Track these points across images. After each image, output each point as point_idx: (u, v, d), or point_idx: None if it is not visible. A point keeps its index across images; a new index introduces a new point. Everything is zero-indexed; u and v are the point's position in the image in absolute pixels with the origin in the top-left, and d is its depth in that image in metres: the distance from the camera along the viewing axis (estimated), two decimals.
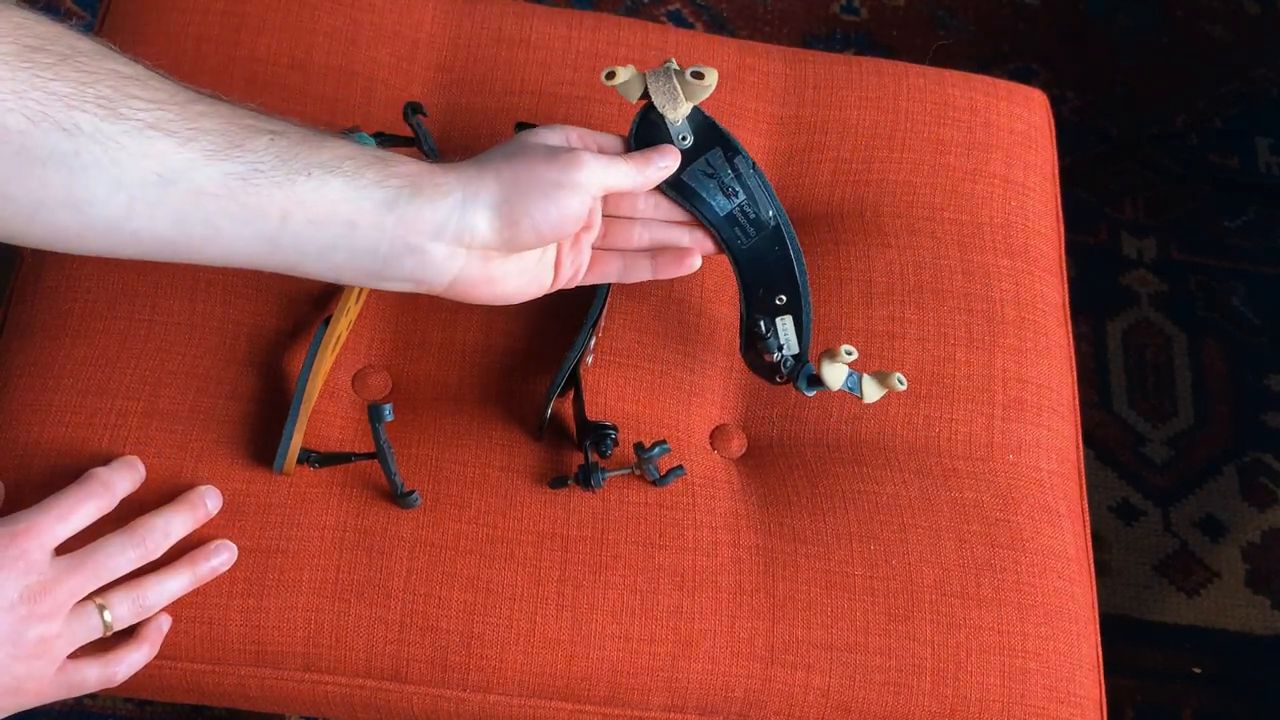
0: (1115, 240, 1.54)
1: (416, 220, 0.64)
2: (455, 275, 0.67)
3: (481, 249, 0.66)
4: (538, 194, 0.66)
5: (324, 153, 0.64)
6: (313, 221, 0.63)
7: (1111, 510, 1.37)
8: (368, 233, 0.64)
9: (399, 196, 0.64)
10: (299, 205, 0.62)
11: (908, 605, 0.76)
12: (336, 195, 0.63)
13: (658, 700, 0.75)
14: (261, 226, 0.62)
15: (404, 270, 0.66)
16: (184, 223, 0.61)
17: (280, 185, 0.62)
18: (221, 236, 0.63)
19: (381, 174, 0.64)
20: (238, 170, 0.61)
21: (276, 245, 0.63)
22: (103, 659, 0.70)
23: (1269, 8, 1.72)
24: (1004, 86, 0.97)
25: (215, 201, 0.61)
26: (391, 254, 0.65)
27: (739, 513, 0.79)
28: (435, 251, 0.65)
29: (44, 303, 0.80)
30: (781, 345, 0.76)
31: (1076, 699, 0.78)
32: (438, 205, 0.64)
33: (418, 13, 0.92)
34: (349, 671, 0.74)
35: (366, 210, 0.63)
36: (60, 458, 0.75)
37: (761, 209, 0.75)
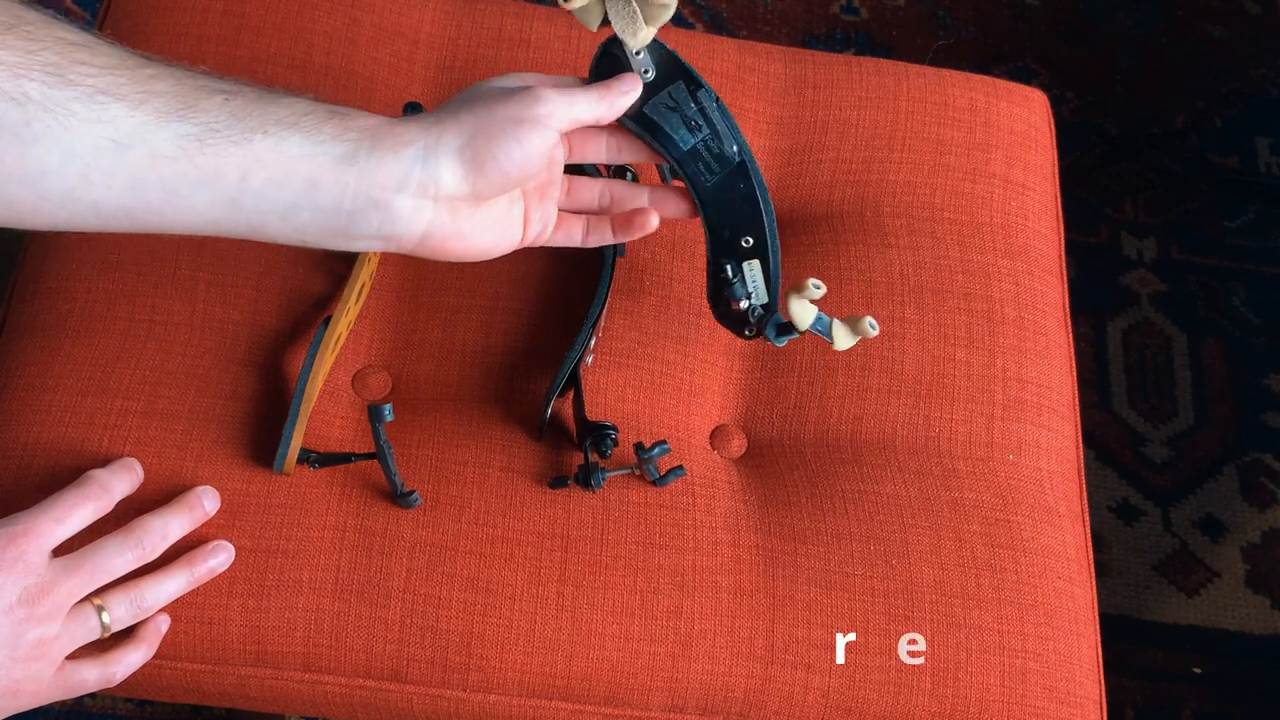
0: (1115, 240, 1.54)
1: (379, 173, 0.63)
2: (425, 229, 0.65)
3: (449, 199, 0.65)
4: (500, 134, 0.64)
5: (280, 109, 0.62)
6: (273, 180, 0.62)
7: (1111, 510, 1.37)
8: (330, 189, 0.62)
9: (358, 150, 0.63)
10: (258, 164, 0.61)
11: (908, 605, 0.76)
12: (295, 151, 0.62)
13: (658, 700, 0.75)
14: (220, 188, 0.61)
15: (370, 227, 0.64)
16: (141, 189, 0.60)
17: (237, 144, 0.61)
18: (180, 201, 0.61)
19: (340, 128, 0.63)
20: (192, 131, 0.60)
21: (237, 206, 0.62)
22: (101, 659, 0.70)
23: (1269, 8, 1.72)
24: (1004, 86, 0.97)
25: (171, 165, 0.60)
26: (356, 210, 0.63)
27: (739, 513, 0.79)
28: (401, 205, 0.64)
29: (44, 303, 0.80)
30: (750, 293, 0.74)
31: (1076, 699, 0.78)
32: (400, 155, 0.63)
33: (418, 13, 0.92)
34: (349, 671, 0.74)
35: (327, 166, 0.62)
36: (60, 458, 0.75)
37: (725, 144, 0.73)
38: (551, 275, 0.84)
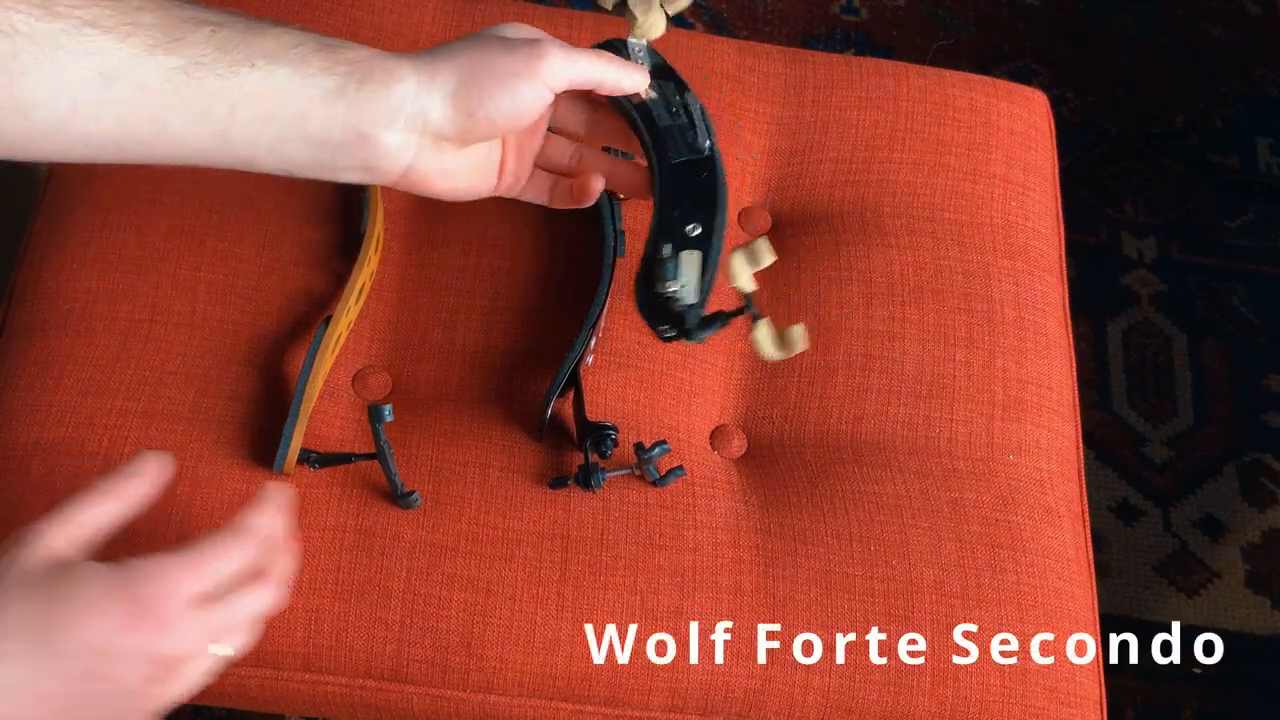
0: (1115, 240, 1.54)
1: (368, 106, 0.63)
2: (409, 164, 0.65)
3: (435, 138, 0.65)
4: (494, 83, 0.64)
5: (267, 41, 0.62)
6: (260, 114, 0.62)
7: (1111, 510, 1.37)
8: (318, 122, 0.62)
9: (347, 83, 0.62)
10: (245, 98, 0.61)
11: (908, 606, 0.76)
12: (283, 85, 0.61)
13: (658, 700, 0.75)
14: (209, 121, 0.61)
15: (356, 159, 0.64)
16: (130, 121, 0.60)
17: (224, 78, 0.61)
18: (170, 133, 0.61)
19: (329, 60, 0.63)
20: (179, 64, 0.60)
21: (227, 139, 0.62)
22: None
23: (1269, 8, 1.72)
24: (1004, 87, 0.97)
25: (160, 97, 0.60)
26: (344, 142, 0.63)
27: (739, 513, 0.79)
28: (389, 139, 0.64)
29: (44, 303, 0.80)
30: (681, 284, 0.71)
31: (1076, 699, 0.78)
32: (391, 91, 0.63)
33: (417, 13, 0.92)
34: (349, 672, 0.74)
35: (315, 99, 0.62)
36: (60, 458, 0.75)
37: (700, 137, 0.73)
38: (551, 275, 0.84)
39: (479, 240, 0.84)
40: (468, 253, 0.84)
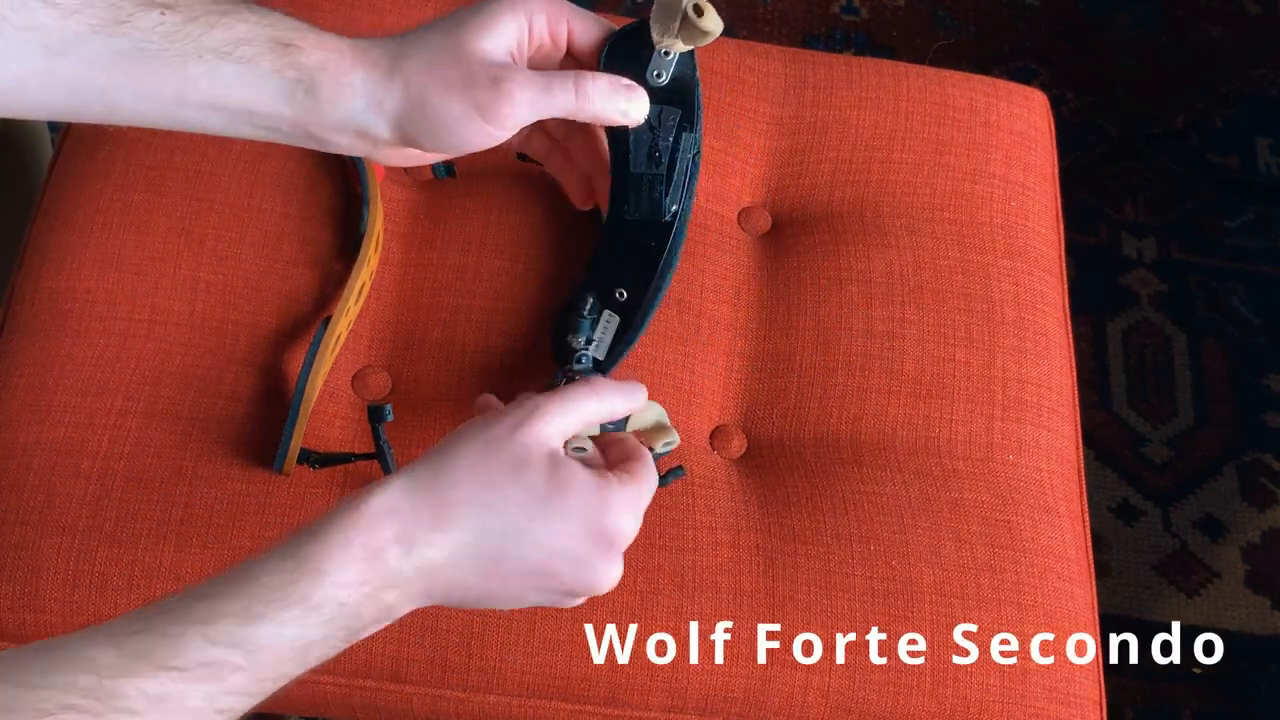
0: (1115, 240, 1.54)
1: (315, 115, 0.62)
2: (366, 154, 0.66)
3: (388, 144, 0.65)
4: (441, 126, 0.63)
5: (217, 34, 0.61)
6: (209, 103, 0.61)
7: (1111, 510, 1.37)
8: (266, 119, 0.62)
9: (295, 90, 0.62)
10: (193, 88, 0.60)
11: (908, 606, 0.76)
12: (230, 81, 0.61)
13: (658, 700, 0.75)
14: (158, 103, 0.61)
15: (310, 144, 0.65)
16: (80, 95, 0.60)
17: (171, 66, 0.60)
18: (121, 110, 0.61)
19: (279, 62, 0.62)
20: (124, 47, 0.59)
21: (178, 120, 0.62)
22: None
23: (1269, 8, 1.72)
24: (1004, 87, 0.97)
25: (107, 76, 0.59)
26: (294, 135, 0.64)
27: (739, 513, 0.79)
28: (338, 142, 0.64)
29: (44, 303, 0.80)
30: (591, 339, 0.70)
31: (1076, 699, 0.78)
32: (337, 106, 0.62)
33: (418, 13, 0.92)
34: (349, 672, 0.74)
35: (263, 99, 0.61)
36: (60, 458, 0.75)
37: (668, 199, 0.69)
38: (552, 276, 0.84)
39: (479, 240, 0.84)
40: (468, 253, 0.84)
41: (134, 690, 0.50)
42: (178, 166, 0.83)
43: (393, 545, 0.56)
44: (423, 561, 0.56)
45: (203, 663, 0.51)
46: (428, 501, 0.56)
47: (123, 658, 0.50)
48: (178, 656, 0.51)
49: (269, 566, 0.54)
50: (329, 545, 0.55)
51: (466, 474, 0.57)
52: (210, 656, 0.51)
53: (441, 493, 0.57)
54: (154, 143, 0.84)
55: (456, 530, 0.57)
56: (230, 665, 0.52)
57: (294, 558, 0.54)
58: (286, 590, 0.53)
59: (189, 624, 0.52)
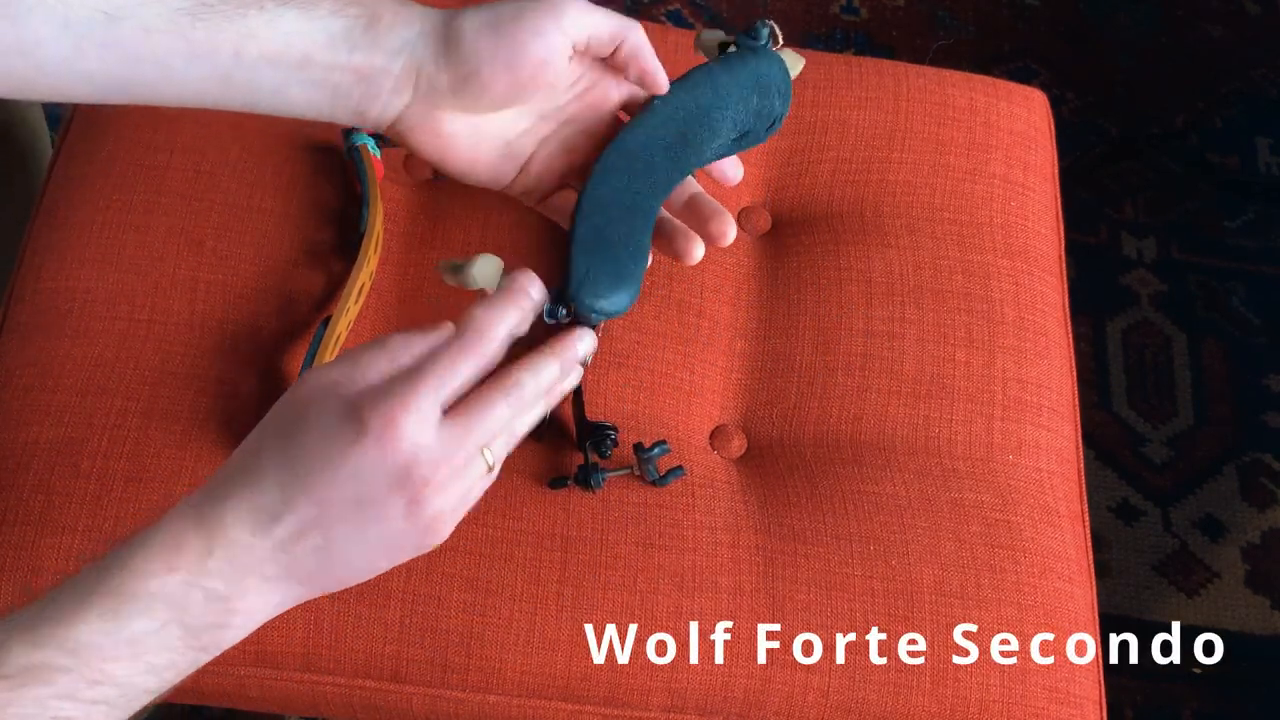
0: (1115, 240, 1.54)
1: (372, 49, 0.62)
2: (398, 114, 0.64)
3: (429, 90, 0.63)
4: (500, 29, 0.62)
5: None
6: (265, 57, 0.61)
7: (1111, 510, 1.37)
8: (320, 68, 0.62)
9: (354, 27, 0.62)
10: (251, 40, 0.60)
11: (908, 606, 0.76)
12: (290, 28, 0.61)
13: (657, 700, 0.75)
14: (214, 64, 0.61)
15: (351, 102, 0.64)
16: (135, 61, 0.60)
17: (231, 19, 0.60)
18: (174, 74, 0.61)
19: (339, 3, 0.62)
20: (185, 5, 0.59)
21: (230, 83, 0.62)
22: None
23: (1269, 8, 1.72)
24: (1004, 87, 0.97)
25: (165, 39, 0.59)
26: (342, 86, 0.63)
27: (739, 513, 0.79)
28: (385, 82, 0.63)
29: (44, 303, 0.80)
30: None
31: (1076, 699, 0.78)
32: (396, 33, 0.62)
33: None
34: (349, 672, 0.74)
35: (321, 43, 0.61)
36: (60, 458, 0.75)
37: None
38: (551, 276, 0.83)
39: (479, 240, 0.84)
40: (468, 253, 0.84)
41: None
42: (178, 166, 0.83)
43: (189, 531, 0.55)
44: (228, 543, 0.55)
45: (25, 667, 0.51)
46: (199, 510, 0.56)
47: None
48: (4, 665, 0.51)
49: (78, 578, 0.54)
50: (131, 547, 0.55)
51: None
52: (33, 660, 0.51)
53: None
54: (154, 143, 0.84)
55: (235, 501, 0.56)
56: (55, 667, 0.51)
57: (98, 566, 0.54)
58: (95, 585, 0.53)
59: (10, 631, 0.52)
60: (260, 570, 0.56)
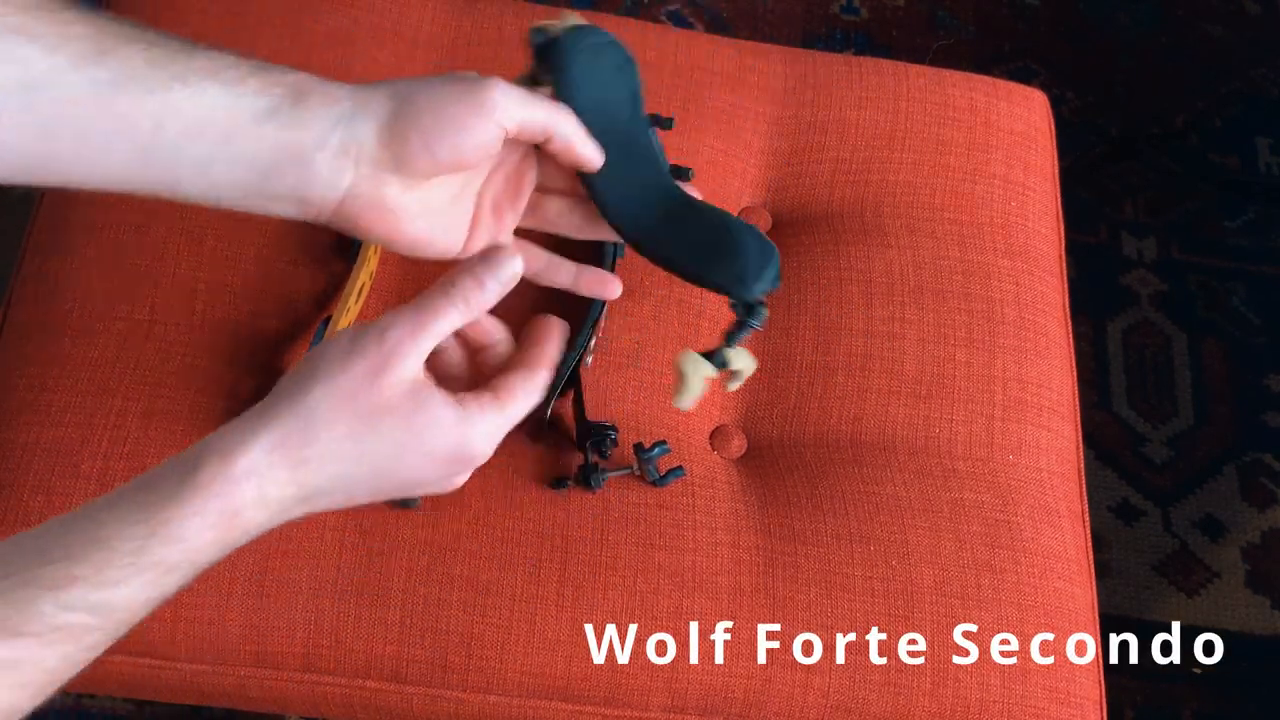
0: (1115, 240, 1.54)
1: (299, 128, 0.60)
2: (344, 193, 0.61)
3: (372, 167, 0.61)
4: (435, 110, 0.61)
5: (201, 60, 0.60)
6: (188, 131, 0.59)
7: (1111, 510, 1.37)
8: (246, 143, 0.60)
9: (281, 104, 0.60)
10: (173, 114, 0.59)
11: (908, 606, 0.76)
12: (213, 102, 0.59)
13: (658, 700, 0.75)
14: (134, 137, 0.59)
15: (286, 185, 0.61)
16: (52, 133, 0.58)
17: (153, 92, 0.58)
18: (92, 149, 0.59)
19: (265, 82, 0.60)
20: (108, 77, 0.58)
21: (150, 158, 0.60)
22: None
23: (1269, 8, 1.71)
24: (1004, 87, 0.97)
25: (84, 110, 0.58)
26: (272, 165, 0.60)
27: (739, 513, 0.79)
28: (320, 163, 0.60)
29: (44, 303, 0.80)
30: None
31: (1076, 699, 0.78)
32: (322, 113, 0.60)
33: (417, 13, 0.92)
34: (349, 672, 0.74)
35: (245, 119, 0.60)
36: (60, 458, 0.75)
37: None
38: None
39: None
40: None
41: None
42: None
43: (250, 507, 0.56)
44: (277, 512, 0.57)
45: (56, 627, 0.52)
46: (284, 461, 0.57)
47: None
48: (31, 623, 0.51)
49: (122, 530, 0.54)
50: (185, 513, 0.55)
51: (325, 429, 0.57)
52: (64, 621, 0.52)
53: (299, 450, 0.57)
54: None
55: (311, 485, 0.58)
56: (84, 627, 0.52)
57: (148, 521, 0.54)
58: (141, 555, 0.53)
59: (39, 589, 0.52)
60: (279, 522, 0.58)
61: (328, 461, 0.57)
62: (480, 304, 0.61)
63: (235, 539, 0.56)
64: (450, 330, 0.61)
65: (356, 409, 0.58)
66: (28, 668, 0.51)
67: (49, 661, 0.52)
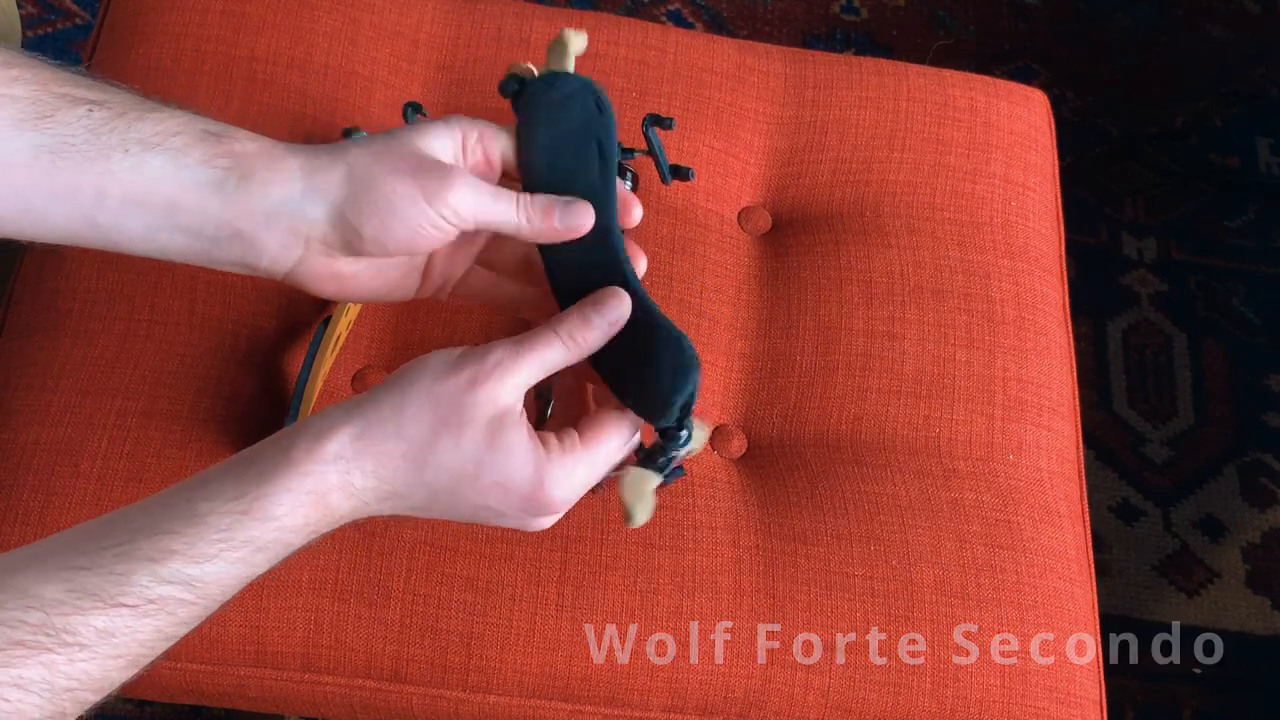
0: (1115, 240, 1.54)
1: (245, 205, 0.59)
2: (292, 267, 0.61)
3: (322, 244, 0.60)
4: (388, 207, 0.58)
5: (146, 126, 0.59)
6: (130, 201, 0.58)
7: (1111, 510, 1.37)
8: (191, 215, 0.59)
9: (227, 178, 0.59)
10: (115, 183, 0.58)
11: (908, 606, 0.76)
12: (156, 174, 0.58)
13: (658, 700, 0.75)
14: (76, 204, 0.58)
15: (233, 255, 0.60)
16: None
17: (94, 161, 0.57)
18: (35, 213, 0.59)
19: (211, 152, 0.59)
20: (47, 143, 0.57)
21: (96, 225, 0.59)
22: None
23: (1269, 8, 1.72)
24: (1004, 86, 0.97)
25: (25, 175, 0.57)
26: (219, 237, 0.59)
27: (739, 513, 0.79)
28: (268, 240, 0.59)
29: (44, 303, 0.80)
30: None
31: (1076, 699, 0.78)
32: (271, 192, 0.59)
33: (417, 13, 0.92)
34: (348, 672, 0.74)
35: (189, 189, 0.58)
36: (60, 458, 0.75)
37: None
38: None
39: None
40: None
41: (83, 626, 0.51)
42: None
43: (335, 490, 0.57)
44: (360, 504, 0.58)
45: (151, 599, 0.52)
46: (369, 451, 0.57)
47: (72, 594, 0.51)
48: (128, 594, 0.52)
49: (216, 506, 0.55)
50: (277, 489, 0.55)
51: (411, 426, 0.57)
52: (159, 594, 0.52)
53: (382, 444, 0.57)
54: None
55: (391, 483, 0.58)
56: (178, 600, 0.53)
57: (242, 498, 0.55)
58: (234, 532, 0.54)
59: (137, 561, 0.53)
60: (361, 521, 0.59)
61: (407, 460, 0.57)
62: (586, 343, 0.61)
63: (324, 523, 0.57)
64: (554, 367, 0.60)
65: (443, 415, 0.57)
66: (123, 638, 0.52)
67: (143, 634, 0.52)
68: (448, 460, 0.58)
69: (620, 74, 0.91)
